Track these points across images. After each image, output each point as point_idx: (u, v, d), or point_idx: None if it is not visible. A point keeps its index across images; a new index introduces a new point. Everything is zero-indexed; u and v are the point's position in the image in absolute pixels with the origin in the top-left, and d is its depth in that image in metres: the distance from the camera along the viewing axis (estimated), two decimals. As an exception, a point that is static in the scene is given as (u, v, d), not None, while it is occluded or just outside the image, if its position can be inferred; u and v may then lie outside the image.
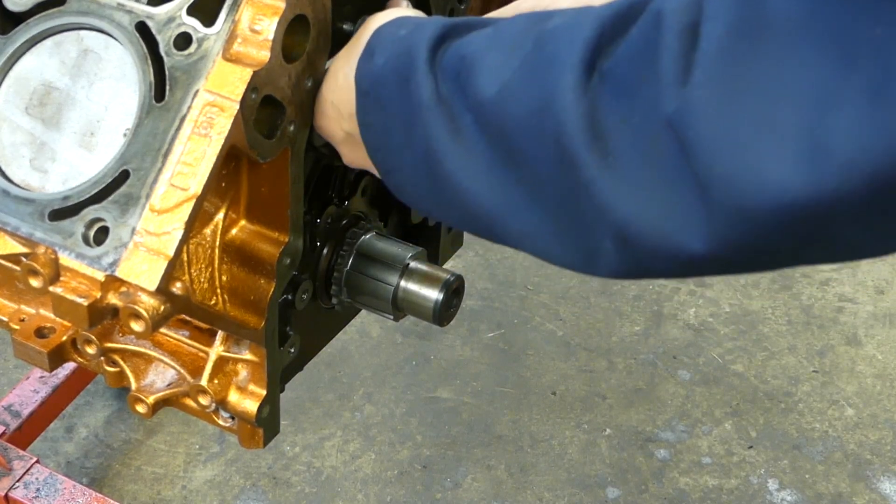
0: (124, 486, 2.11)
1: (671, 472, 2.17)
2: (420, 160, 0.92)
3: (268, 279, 1.09)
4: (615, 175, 0.77)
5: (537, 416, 2.26)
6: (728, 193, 0.71)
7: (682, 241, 0.75)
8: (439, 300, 1.21)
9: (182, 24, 1.02)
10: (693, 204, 0.73)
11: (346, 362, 2.35)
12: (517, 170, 0.84)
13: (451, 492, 2.12)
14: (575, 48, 0.79)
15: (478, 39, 0.89)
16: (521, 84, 0.83)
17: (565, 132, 0.79)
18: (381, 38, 0.98)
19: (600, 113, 0.77)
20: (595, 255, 0.82)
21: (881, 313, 2.52)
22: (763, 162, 0.69)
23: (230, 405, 1.16)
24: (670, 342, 2.42)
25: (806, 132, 0.67)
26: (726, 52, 0.70)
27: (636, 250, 0.79)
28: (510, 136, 0.84)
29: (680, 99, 0.72)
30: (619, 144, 0.76)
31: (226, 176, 1.06)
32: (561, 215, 0.83)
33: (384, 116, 0.95)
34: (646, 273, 0.82)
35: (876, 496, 2.14)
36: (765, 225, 0.71)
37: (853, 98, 0.65)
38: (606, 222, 0.79)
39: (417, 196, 0.97)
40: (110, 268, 0.97)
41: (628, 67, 0.76)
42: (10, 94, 1.08)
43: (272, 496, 2.10)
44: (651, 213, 0.76)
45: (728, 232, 0.72)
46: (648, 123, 0.74)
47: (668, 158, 0.73)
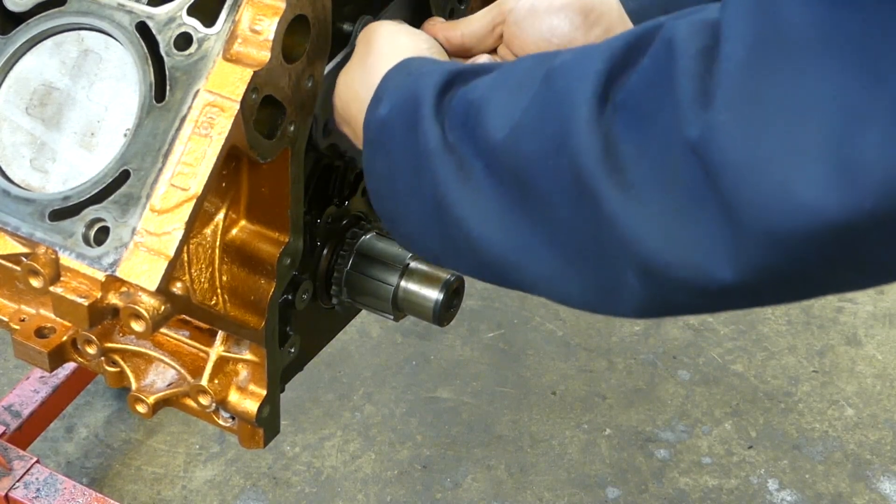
0: (124, 486, 2.11)
1: (671, 472, 2.17)
2: (429, 208, 0.90)
3: (268, 279, 1.09)
4: (637, 206, 0.74)
5: (537, 416, 2.26)
6: (757, 217, 0.68)
7: (711, 270, 0.72)
8: (439, 300, 1.21)
9: (182, 24, 1.02)
10: (720, 231, 0.71)
11: (346, 362, 2.35)
12: (532, 212, 0.82)
13: (451, 492, 2.12)
14: (586, 82, 0.77)
15: (484, 83, 0.88)
16: (533, 123, 0.81)
17: (583, 167, 0.76)
18: (388, 84, 0.96)
19: (617, 144, 0.75)
20: (617, 293, 0.80)
21: (881, 313, 2.52)
22: (793, 183, 0.66)
23: (230, 405, 1.16)
24: (670, 342, 2.42)
25: (835, 151, 0.65)
26: (748, 72, 0.68)
27: (662, 283, 0.76)
28: (524, 177, 0.81)
29: (702, 122, 0.69)
30: (640, 175, 0.74)
31: (226, 176, 1.06)
32: (580, 254, 0.81)
33: (390, 165, 0.94)
34: (671, 308, 0.80)
35: (876, 496, 2.14)
36: (797, 249, 0.68)
37: (881, 114, 0.63)
38: (629, 256, 0.76)
39: (426, 245, 0.95)
40: (111, 268, 0.98)
41: (643, 96, 0.74)
42: (10, 94, 1.08)
43: (272, 496, 2.10)
44: (676, 242, 0.73)
45: (758, 258, 0.70)
46: (669, 150, 0.72)
47: (692, 185, 0.71)
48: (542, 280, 0.85)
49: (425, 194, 0.90)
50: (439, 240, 0.91)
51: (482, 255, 0.87)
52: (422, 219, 0.92)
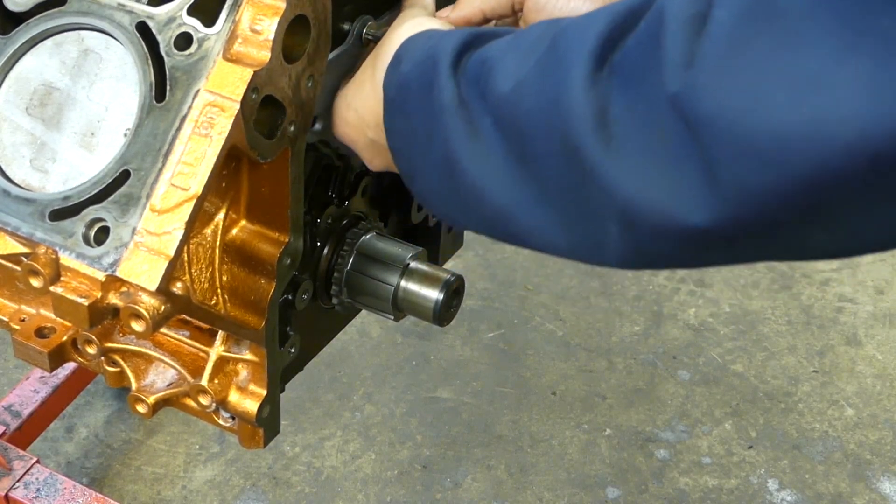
0: (124, 486, 2.11)
1: (671, 472, 2.17)
2: (440, 163, 0.94)
3: (268, 279, 1.09)
4: (619, 158, 0.78)
5: (537, 416, 2.26)
6: (731, 169, 0.72)
7: (686, 217, 0.76)
8: (439, 300, 1.21)
9: (182, 24, 1.02)
10: (697, 181, 0.74)
11: (346, 362, 2.35)
12: (528, 167, 0.86)
13: (451, 492, 2.12)
14: (586, 43, 0.81)
15: (499, 45, 0.92)
16: (534, 79, 0.85)
17: (571, 123, 0.80)
18: (408, 47, 1.00)
19: (608, 103, 0.79)
20: (602, 244, 0.84)
21: (881, 313, 2.52)
22: (762, 138, 0.70)
23: (230, 405, 1.16)
24: (670, 342, 2.42)
25: (799, 108, 0.68)
26: (732, 35, 0.72)
27: (641, 232, 0.80)
28: (522, 132, 0.86)
29: (683, 79, 0.73)
30: (624, 129, 0.78)
31: (226, 176, 1.06)
32: (568, 207, 0.85)
33: (408, 122, 0.97)
34: (651, 259, 0.84)
35: (876, 496, 2.14)
36: (766, 200, 0.72)
37: (853, 80, 0.67)
38: (612, 206, 0.80)
39: (439, 200, 0.98)
40: (111, 268, 0.98)
41: (635, 57, 0.78)
42: (10, 94, 1.08)
43: (272, 496, 2.10)
44: (655, 192, 0.77)
45: (731, 207, 0.74)
46: (652, 106, 0.76)
47: (673, 138, 0.75)
48: (535, 231, 0.89)
49: (437, 150, 0.93)
50: (449, 194, 0.95)
51: (485, 208, 0.91)
52: (434, 174, 0.96)
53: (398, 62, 1.00)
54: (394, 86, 0.99)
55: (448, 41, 0.95)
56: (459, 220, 0.99)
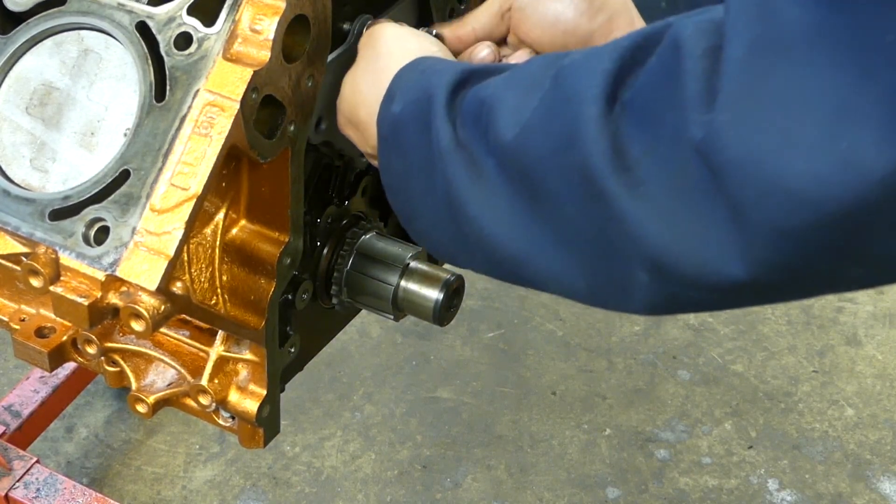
0: (124, 486, 2.11)
1: (671, 472, 2.17)
2: (442, 206, 0.91)
3: (268, 279, 1.09)
4: (647, 204, 0.76)
5: (537, 416, 2.26)
6: (762, 214, 0.70)
7: (721, 267, 0.74)
8: (439, 300, 1.21)
9: (182, 23, 1.02)
10: (728, 229, 0.72)
11: (346, 362, 2.35)
12: (542, 210, 0.83)
13: (451, 492, 2.12)
14: (595, 80, 0.79)
15: (495, 83, 0.89)
16: (542, 122, 0.82)
17: (592, 165, 0.77)
18: (400, 82, 0.98)
19: (625, 143, 0.76)
20: (627, 289, 0.81)
21: (881, 313, 2.52)
22: (795, 181, 0.68)
23: (230, 405, 1.16)
24: (670, 342, 2.42)
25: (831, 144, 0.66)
26: (746, 71, 0.70)
27: (672, 280, 0.77)
28: (533, 176, 0.83)
29: (706, 124, 0.71)
30: (648, 173, 0.75)
31: (226, 176, 1.06)
32: (590, 251, 0.82)
33: (404, 162, 0.95)
34: (681, 304, 0.81)
35: (876, 496, 2.14)
36: (802, 242, 0.70)
37: (873, 108, 0.65)
38: (640, 253, 0.78)
39: (440, 242, 0.96)
40: (111, 267, 0.98)
41: (650, 96, 0.75)
42: (10, 94, 1.08)
43: (272, 496, 2.10)
44: (686, 240, 0.75)
45: (767, 254, 0.71)
46: (676, 151, 0.73)
47: (699, 184, 0.73)
48: (551, 277, 0.86)
49: (438, 192, 0.91)
50: (452, 237, 0.92)
51: (494, 253, 0.88)
52: (435, 216, 0.93)
53: (391, 99, 0.97)
54: (387, 125, 0.97)
55: (441, 78, 0.93)
56: (463, 262, 0.96)
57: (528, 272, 0.87)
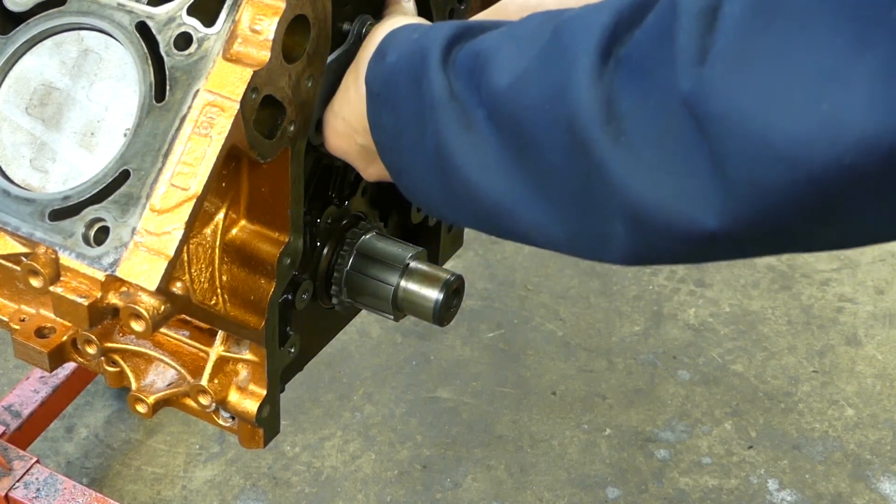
0: (124, 486, 2.11)
1: (671, 472, 2.17)
2: (431, 157, 0.92)
3: (268, 279, 1.09)
4: (629, 155, 0.77)
5: (537, 416, 2.26)
6: (742, 168, 0.71)
7: (696, 217, 0.75)
8: (439, 300, 1.21)
9: (182, 24, 1.02)
10: (708, 180, 0.73)
11: (346, 362, 2.35)
12: (527, 160, 0.85)
13: (451, 492, 2.12)
14: (591, 35, 0.80)
15: (492, 37, 0.90)
16: (537, 72, 0.83)
17: (579, 116, 0.79)
18: (393, 39, 0.99)
19: (616, 97, 0.78)
20: (606, 240, 0.83)
21: (881, 313, 2.52)
22: (775, 137, 0.69)
23: (230, 405, 1.16)
24: (670, 342, 2.42)
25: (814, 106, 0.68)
26: (742, 30, 0.71)
27: (649, 230, 0.79)
28: (522, 125, 0.84)
29: (695, 77, 0.72)
30: (634, 125, 0.77)
31: (226, 176, 1.06)
32: (570, 202, 0.83)
33: (395, 116, 0.96)
34: (657, 256, 0.82)
35: (876, 496, 2.14)
36: (778, 199, 0.71)
37: (866, 75, 0.66)
38: (619, 203, 0.79)
39: (428, 196, 0.97)
40: (110, 268, 0.98)
41: (645, 51, 0.77)
42: (10, 94, 1.08)
43: (272, 496, 2.10)
44: (665, 191, 0.76)
45: (742, 207, 0.73)
46: (664, 103, 0.75)
47: (683, 137, 0.74)
48: (533, 227, 0.88)
49: (428, 144, 0.92)
50: (440, 189, 0.93)
51: (479, 204, 0.90)
52: (425, 169, 0.94)
53: (382, 55, 0.98)
54: (379, 79, 0.98)
55: (437, 33, 0.94)
56: (451, 215, 0.98)
57: (511, 222, 0.89)
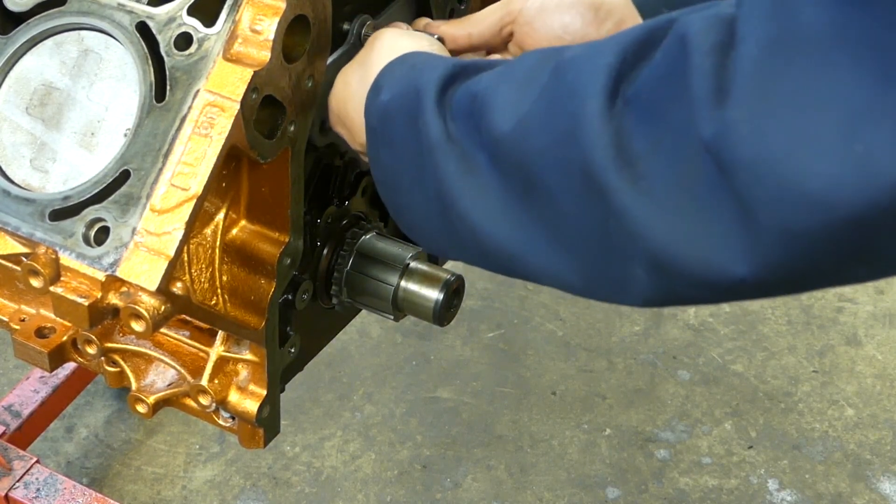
0: (124, 486, 2.11)
1: (671, 472, 2.17)
2: (432, 200, 0.90)
3: (268, 279, 1.09)
4: (649, 200, 0.75)
5: (537, 416, 2.26)
6: (772, 214, 0.69)
7: (724, 266, 0.73)
8: (439, 300, 1.21)
9: (182, 24, 1.02)
10: (735, 227, 0.71)
11: (346, 362, 2.35)
12: (536, 206, 0.82)
13: (451, 492, 2.12)
14: (597, 75, 0.77)
15: (488, 77, 0.88)
16: (541, 115, 0.81)
17: (592, 160, 0.76)
18: (389, 74, 0.97)
19: (628, 138, 0.75)
20: (625, 285, 0.80)
21: (881, 313, 2.52)
22: (805, 179, 0.67)
23: (230, 405, 1.16)
24: (670, 342, 2.42)
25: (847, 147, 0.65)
26: (762, 70, 0.69)
27: (672, 277, 0.76)
28: (529, 170, 0.82)
29: (717, 121, 0.70)
30: (652, 169, 0.74)
31: (226, 176, 1.06)
32: (586, 247, 0.81)
33: (393, 154, 0.94)
34: (680, 299, 0.80)
35: (876, 496, 2.14)
36: (812, 244, 0.69)
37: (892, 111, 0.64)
38: (639, 250, 0.77)
39: (430, 236, 0.95)
40: (111, 268, 0.98)
41: (655, 91, 0.75)
42: (10, 94, 1.08)
43: (272, 496, 2.10)
44: (689, 238, 0.74)
45: (773, 254, 0.71)
46: (683, 147, 0.72)
47: (706, 181, 0.71)
48: (545, 272, 0.85)
49: (428, 187, 0.90)
50: (444, 232, 0.92)
51: (486, 247, 0.87)
52: (426, 211, 0.92)
53: (378, 90, 0.96)
54: (375, 116, 0.96)
55: (431, 73, 0.91)
56: (455, 255, 0.96)
57: (522, 267, 0.87)
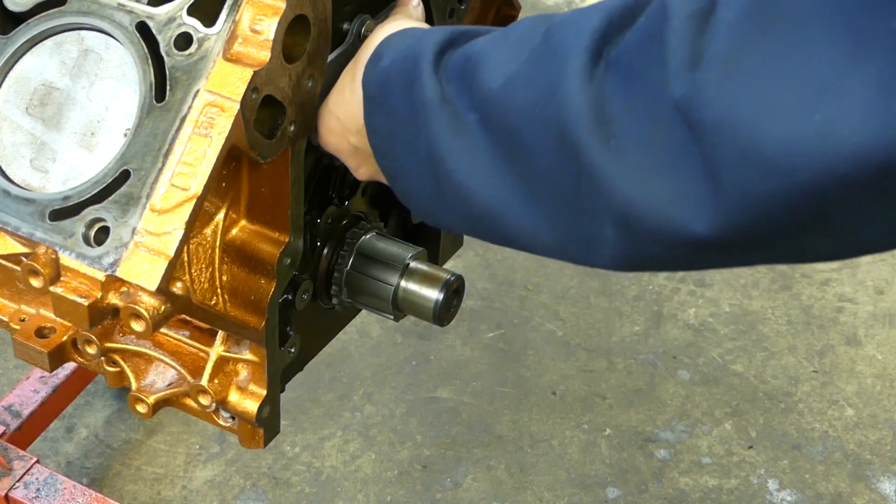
0: (124, 486, 2.11)
1: (671, 472, 2.17)
2: (424, 161, 0.92)
3: (268, 279, 1.09)
4: (619, 158, 0.77)
5: (537, 416, 2.26)
6: (735, 176, 0.71)
7: (687, 223, 0.74)
8: (439, 300, 1.21)
9: (182, 24, 1.02)
10: (699, 186, 0.73)
11: (346, 362, 2.35)
12: (517, 163, 0.85)
13: (451, 492, 2.12)
14: (582, 37, 0.80)
15: (484, 41, 0.90)
16: (527, 74, 0.83)
17: (568, 118, 0.79)
18: (388, 44, 0.99)
19: (606, 99, 0.77)
20: (595, 244, 0.82)
21: (881, 313, 2.52)
22: (768, 145, 0.69)
23: (230, 405, 1.16)
24: (670, 342, 2.42)
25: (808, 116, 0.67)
26: (737, 36, 0.70)
27: (638, 235, 0.78)
28: (513, 128, 0.84)
29: (688, 82, 0.72)
30: (624, 128, 0.76)
31: (226, 176, 1.06)
32: (560, 206, 0.83)
33: (389, 120, 0.96)
34: (646, 262, 0.82)
35: (876, 496, 2.14)
36: (769, 208, 0.71)
37: (862, 86, 0.65)
38: (608, 207, 0.79)
39: (422, 200, 0.97)
40: (111, 268, 0.98)
41: (635, 54, 0.77)
42: (10, 94, 1.08)
43: (272, 496, 2.10)
44: (656, 195, 0.76)
45: (733, 215, 0.72)
46: (655, 107, 0.74)
47: (675, 141, 0.73)
48: (523, 231, 0.87)
49: (420, 149, 0.92)
50: (433, 194, 0.94)
51: (470, 207, 0.89)
52: (418, 173, 0.94)
53: (378, 58, 0.98)
54: (374, 83, 0.98)
55: (430, 38, 0.94)
56: (443, 219, 0.98)
57: (502, 227, 0.89)
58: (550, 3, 3.32)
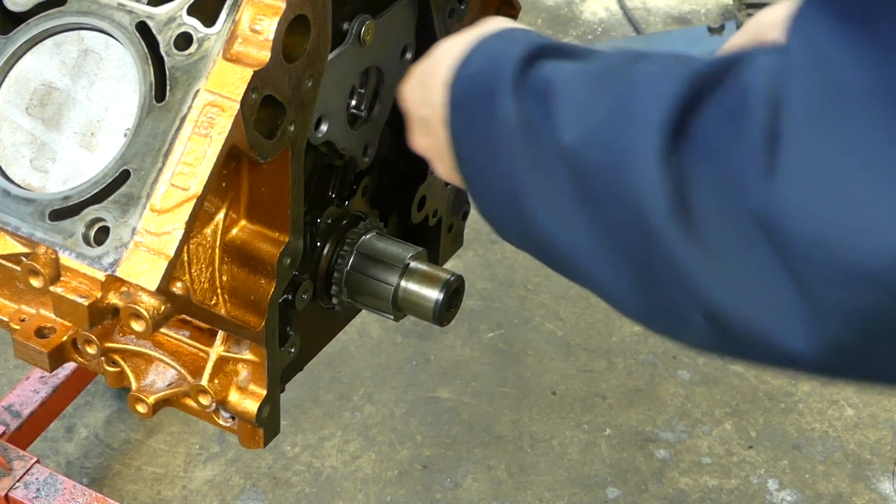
0: (124, 486, 2.11)
1: (671, 472, 2.17)
2: (503, 186, 0.84)
3: (268, 279, 1.09)
4: (704, 255, 0.69)
5: (537, 416, 2.26)
6: (833, 295, 0.63)
7: (783, 338, 0.67)
8: (439, 300, 1.21)
9: (182, 24, 1.02)
10: (794, 303, 0.65)
11: (346, 362, 2.35)
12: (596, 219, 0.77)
13: (451, 492, 2.12)
14: (662, 104, 0.71)
15: (569, 69, 0.82)
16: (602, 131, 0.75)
17: (645, 199, 0.71)
18: (478, 48, 0.90)
19: (686, 182, 0.69)
20: (685, 327, 0.75)
21: (881, 313, 2.52)
22: (866, 259, 0.61)
23: (230, 405, 1.16)
24: (670, 342, 2.42)
25: None
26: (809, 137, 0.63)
27: (731, 335, 0.71)
28: (589, 182, 0.76)
29: (766, 194, 0.65)
30: (706, 221, 0.69)
31: (226, 176, 1.06)
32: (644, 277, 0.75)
33: (470, 131, 0.89)
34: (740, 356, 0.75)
35: (876, 496, 2.14)
36: (878, 325, 0.63)
37: None
38: (695, 300, 0.71)
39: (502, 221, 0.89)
40: (111, 268, 0.98)
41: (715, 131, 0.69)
42: (10, 94, 1.08)
43: (272, 496, 2.10)
44: (747, 302, 0.68)
45: (837, 334, 0.65)
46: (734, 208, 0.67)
47: (760, 251, 0.66)
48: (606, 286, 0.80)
49: (502, 174, 0.84)
50: (514, 220, 0.86)
51: (552, 248, 0.82)
52: (498, 197, 0.87)
53: (466, 62, 0.90)
54: (460, 87, 0.89)
55: (514, 47, 0.85)
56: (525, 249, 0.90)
57: (584, 275, 0.81)
58: (550, 3, 3.32)
